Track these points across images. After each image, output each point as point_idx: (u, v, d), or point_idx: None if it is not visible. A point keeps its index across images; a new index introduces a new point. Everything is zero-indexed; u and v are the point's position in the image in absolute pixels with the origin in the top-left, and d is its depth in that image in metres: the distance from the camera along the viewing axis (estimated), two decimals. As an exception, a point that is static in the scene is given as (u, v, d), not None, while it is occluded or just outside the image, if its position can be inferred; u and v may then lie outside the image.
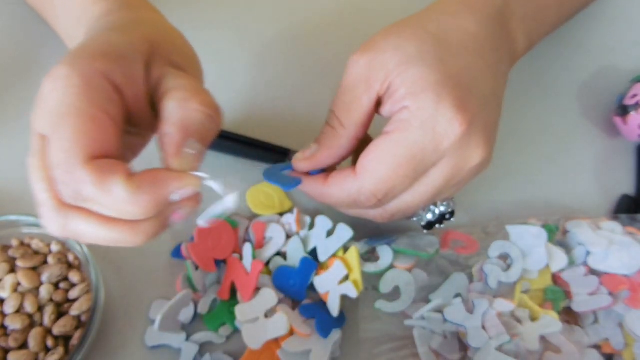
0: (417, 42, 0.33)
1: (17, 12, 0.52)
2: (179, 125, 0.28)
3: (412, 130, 0.32)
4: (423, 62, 0.32)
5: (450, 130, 0.32)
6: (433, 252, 0.40)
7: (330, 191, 0.36)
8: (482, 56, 0.35)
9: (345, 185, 0.35)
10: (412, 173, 0.33)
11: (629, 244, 0.40)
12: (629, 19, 0.55)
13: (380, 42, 0.34)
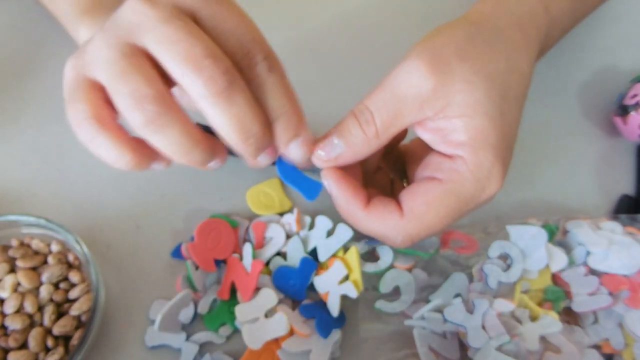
0: (488, 84, 0.32)
1: (17, 12, 0.52)
2: None
3: (467, 186, 0.33)
4: (489, 114, 0.32)
5: (492, 189, 0.34)
6: (433, 252, 0.40)
7: (368, 220, 0.35)
8: (523, 105, 0.36)
9: (387, 221, 0.34)
10: (453, 220, 0.34)
11: (629, 244, 0.40)
12: (629, 19, 0.55)
13: (453, 65, 0.32)
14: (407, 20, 0.54)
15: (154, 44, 0.27)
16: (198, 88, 0.27)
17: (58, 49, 0.51)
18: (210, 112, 0.28)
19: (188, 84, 0.27)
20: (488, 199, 0.34)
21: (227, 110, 0.28)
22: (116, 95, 0.28)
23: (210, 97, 0.27)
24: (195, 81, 0.27)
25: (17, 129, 0.47)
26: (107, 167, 0.46)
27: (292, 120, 0.30)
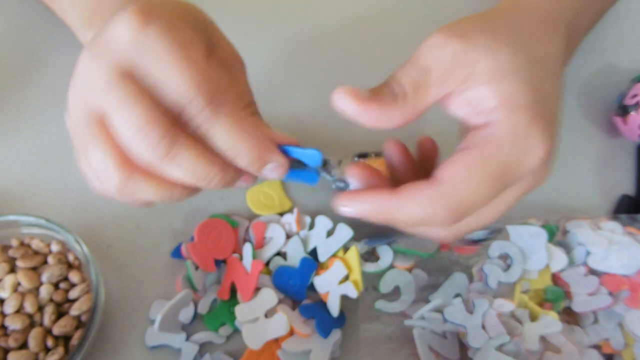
0: (510, 51, 0.31)
1: (17, 12, 0.52)
2: None
3: (504, 147, 0.30)
4: (517, 78, 0.31)
5: (536, 153, 0.31)
6: (433, 252, 0.40)
7: (401, 204, 0.31)
8: (560, 78, 0.34)
9: (422, 197, 0.30)
10: (496, 191, 0.31)
11: (629, 244, 0.40)
12: (629, 19, 0.55)
13: (471, 34, 0.31)
14: (408, 19, 0.54)
15: (103, 108, 0.29)
16: (144, 154, 0.28)
17: (58, 49, 0.51)
18: (166, 171, 0.29)
19: (135, 149, 0.28)
20: (536, 166, 0.31)
21: (177, 168, 0.29)
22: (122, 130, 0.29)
23: (158, 160, 0.28)
24: (139, 149, 0.28)
25: (17, 129, 0.47)
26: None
27: (251, 157, 0.30)
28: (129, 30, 0.28)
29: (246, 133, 0.30)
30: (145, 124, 0.27)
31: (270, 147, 0.31)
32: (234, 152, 0.30)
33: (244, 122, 0.30)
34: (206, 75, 0.28)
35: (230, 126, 0.29)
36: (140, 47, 0.28)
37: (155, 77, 0.28)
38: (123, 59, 0.28)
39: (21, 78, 0.49)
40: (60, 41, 0.51)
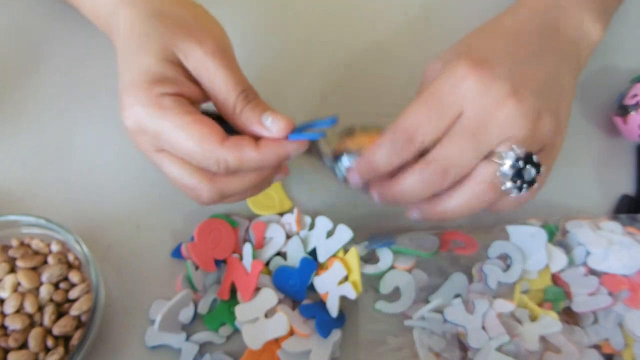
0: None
1: (18, 12, 0.52)
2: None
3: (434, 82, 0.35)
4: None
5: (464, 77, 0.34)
6: (433, 252, 0.40)
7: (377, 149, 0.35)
8: (520, 45, 0.38)
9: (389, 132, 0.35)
10: (435, 111, 0.34)
11: (629, 244, 0.40)
12: (629, 19, 0.55)
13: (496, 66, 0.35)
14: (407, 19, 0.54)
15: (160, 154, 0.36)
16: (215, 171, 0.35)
17: (58, 49, 0.51)
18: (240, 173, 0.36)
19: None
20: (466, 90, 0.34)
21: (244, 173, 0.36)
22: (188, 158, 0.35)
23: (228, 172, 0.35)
24: (212, 169, 0.34)
25: (17, 129, 0.47)
26: (107, 167, 0.46)
27: (254, 110, 0.35)
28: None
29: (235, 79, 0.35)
30: (206, 150, 0.33)
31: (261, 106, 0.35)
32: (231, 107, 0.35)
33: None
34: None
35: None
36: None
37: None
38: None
39: (21, 78, 0.49)
40: (60, 41, 0.51)
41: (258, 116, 0.35)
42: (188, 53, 0.35)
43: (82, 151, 0.47)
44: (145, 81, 0.34)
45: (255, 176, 0.36)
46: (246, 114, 0.35)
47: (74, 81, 0.50)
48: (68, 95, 0.49)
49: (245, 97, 0.35)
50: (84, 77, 0.50)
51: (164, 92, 0.34)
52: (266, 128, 0.34)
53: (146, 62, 0.34)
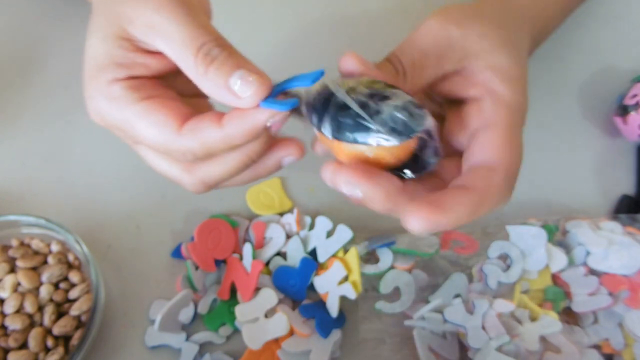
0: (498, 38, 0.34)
1: (17, 12, 0.52)
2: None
3: (517, 112, 0.34)
4: (506, 55, 0.34)
5: (525, 111, 0.35)
6: (433, 252, 0.40)
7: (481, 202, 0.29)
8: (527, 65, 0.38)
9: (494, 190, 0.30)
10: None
11: (629, 244, 0.40)
12: (629, 19, 0.55)
13: (465, 21, 0.34)
14: (408, 18, 0.54)
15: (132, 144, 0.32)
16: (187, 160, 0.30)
17: (58, 49, 0.51)
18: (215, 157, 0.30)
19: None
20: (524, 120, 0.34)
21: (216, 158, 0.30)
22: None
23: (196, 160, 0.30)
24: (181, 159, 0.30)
25: (17, 128, 0.47)
26: (107, 167, 0.46)
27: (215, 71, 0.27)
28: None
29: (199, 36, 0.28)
30: (168, 141, 0.29)
31: (235, 59, 0.28)
32: (203, 70, 0.28)
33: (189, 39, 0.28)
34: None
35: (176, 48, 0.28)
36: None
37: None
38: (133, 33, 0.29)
39: (21, 78, 0.49)
40: (60, 41, 0.51)
41: (225, 79, 0.27)
42: (132, 16, 0.28)
43: (82, 151, 0.47)
44: (93, 68, 0.29)
45: (238, 156, 0.29)
46: (211, 77, 0.27)
47: (74, 81, 0.49)
48: (68, 95, 0.49)
49: (206, 53, 0.27)
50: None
51: (112, 79, 0.29)
52: (235, 95, 0.27)
53: (93, 44, 0.30)
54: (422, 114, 0.28)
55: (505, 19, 0.37)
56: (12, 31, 0.51)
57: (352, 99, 0.27)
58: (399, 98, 0.27)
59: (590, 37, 0.54)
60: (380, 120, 0.27)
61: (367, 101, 0.27)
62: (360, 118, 0.27)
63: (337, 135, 0.28)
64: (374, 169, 0.28)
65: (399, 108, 0.27)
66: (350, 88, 0.28)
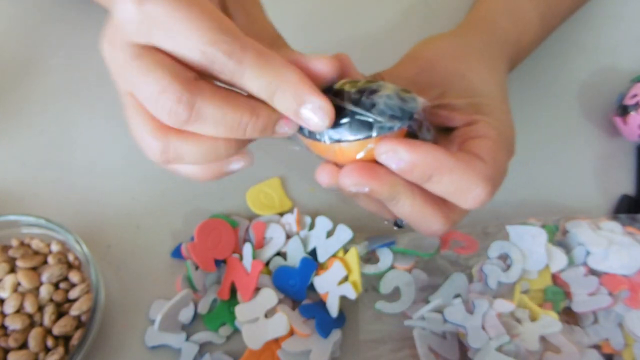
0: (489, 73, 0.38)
1: (18, 13, 0.52)
2: None
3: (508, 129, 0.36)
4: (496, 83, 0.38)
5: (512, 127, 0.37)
6: (433, 252, 0.40)
7: (455, 166, 0.30)
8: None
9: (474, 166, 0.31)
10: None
11: (629, 244, 0.40)
12: (629, 19, 0.55)
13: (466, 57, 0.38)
14: (407, 20, 0.54)
15: (128, 88, 0.28)
16: (169, 120, 0.27)
17: (58, 49, 0.51)
18: (198, 129, 0.28)
19: (161, 117, 0.28)
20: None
21: (207, 124, 0.27)
22: (144, 102, 0.28)
23: (184, 122, 0.27)
24: (163, 116, 0.27)
25: (17, 129, 0.47)
26: (107, 167, 0.46)
27: (286, 93, 0.28)
28: (132, 5, 0.27)
29: (276, 70, 0.27)
30: (160, 91, 0.26)
31: (306, 85, 0.28)
32: (269, 92, 0.28)
33: (272, 60, 0.28)
34: (221, 25, 0.27)
35: (260, 65, 0.27)
36: (148, 19, 0.27)
37: (173, 44, 0.27)
38: (135, 36, 0.27)
39: (21, 78, 0.49)
40: (60, 41, 0.51)
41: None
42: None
43: (82, 151, 0.47)
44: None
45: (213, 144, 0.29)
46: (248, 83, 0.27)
47: (74, 81, 0.50)
48: (68, 95, 0.49)
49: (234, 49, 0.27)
50: (84, 77, 0.50)
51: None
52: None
53: None
54: (413, 97, 0.29)
55: (490, 48, 0.40)
56: (13, 31, 0.51)
57: (343, 100, 0.28)
58: (386, 88, 0.29)
59: (590, 37, 0.54)
60: (379, 111, 0.28)
61: (359, 98, 0.28)
62: (359, 115, 0.28)
63: (337, 138, 0.28)
64: (374, 165, 0.29)
65: (392, 96, 0.28)
66: (338, 91, 0.29)
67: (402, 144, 0.29)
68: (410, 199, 0.31)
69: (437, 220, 0.32)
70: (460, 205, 0.32)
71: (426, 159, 0.29)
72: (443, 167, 0.30)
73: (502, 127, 0.35)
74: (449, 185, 0.30)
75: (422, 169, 0.29)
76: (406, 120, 0.28)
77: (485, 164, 0.31)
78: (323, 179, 0.31)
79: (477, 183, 0.30)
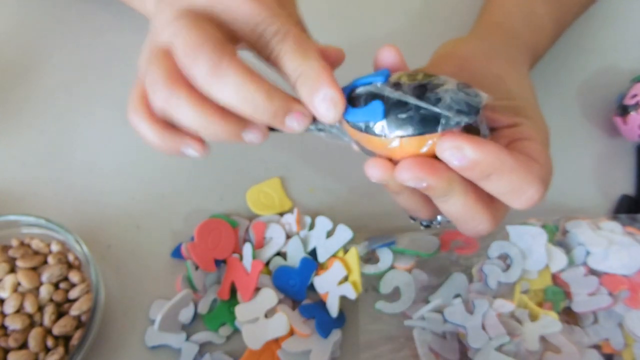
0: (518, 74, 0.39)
1: (18, 13, 0.52)
2: None
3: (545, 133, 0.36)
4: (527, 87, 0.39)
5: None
6: (433, 252, 0.40)
7: (515, 166, 0.30)
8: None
9: (531, 167, 0.31)
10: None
11: (629, 244, 0.40)
12: (629, 19, 0.55)
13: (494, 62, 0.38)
14: (408, 19, 0.54)
15: (166, 41, 0.30)
16: (193, 70, 0.29)
17: (58, 49, 0.51)
18: (214, 91, 0.29)
19: (186, 68, 0.29)
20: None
21: (224, 87, 0.28)
22: (175, 52, 0.29)
23: (206, 76, 0.28)
24: (189, 66, 0.29)
25: (17, 128, 0.47)
26: (107, 167, 0.46)
27: (308, 78, 0.29)
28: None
29: (311, 55, 0.29)
30: (197, 45, 0.28)
31: (326, 77, 0.29)
32: (296, 73, 0.29)
33: (306, 48, 0.30)
34: (273, 6, 0.30)
35: (295, 48, 0.29)
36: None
37: (232, 15, 0.30)
38: (194, 2, 0.30)
39: (21, 78, 0.49)
40: (60, 41, 0.51)
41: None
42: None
43: (82, 151, 0.47)
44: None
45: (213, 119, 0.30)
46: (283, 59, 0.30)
47: (74, 81, 0.50)
48: (68, 95, 0.49)
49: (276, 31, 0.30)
50: (84, 77, 0.50)
51: None
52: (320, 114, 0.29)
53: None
54: (476, 91, 0.29)
55: (514, 52, 0.41)
56: (13, 31, 0.51)
57: (405, 94, 0.28)
58: (448, 82, 0.28)
59: (590, 37, 0.54)
60: (446, 106, 0.27)
61: (423, 92, 0.28)
62: (424, 109, 0.27)
63: (399, 133, 0.28)
64: (433, 160, 0.29)
65: (456, 91, 0.28)
66: (395, 84, 0.29)
67: (468, 141, 0.28)
68: (464, 197, 0.30)
69: (485, 220, 0.32)
70: (512, 205, 0.31)
71: (489, 158, 0.29)
72: (504, 167, 0.29)
73: (543, 132, 0.35)
74: (507, 185, 0.30)
75: (484, 168, 0.29)
76: (473, 115, 0.28)
77: (541, 166, 0.32)
78: (374, 173, 0.30)
79: (532, 184, 0.30)
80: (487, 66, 0.38)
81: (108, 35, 0.51)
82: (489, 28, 0.44)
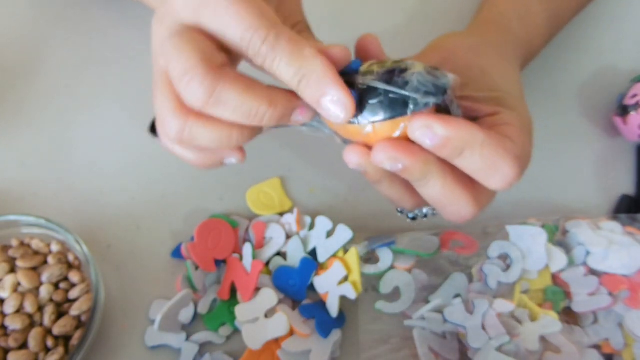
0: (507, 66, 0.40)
1: (18, 13, 0.52)
2: None
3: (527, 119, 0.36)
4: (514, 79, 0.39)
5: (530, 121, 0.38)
6: (433, 252, 0.40)
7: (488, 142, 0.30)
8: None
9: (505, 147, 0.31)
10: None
11: (629, 244, 0.40)
12: (629, 19, 0.55)
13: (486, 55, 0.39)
14: (406, 18, 0.54)
15: (163, 63, 0.29)
16: (189, 99, 0.28)
17: (58, 49, 0.51)
18: (216, 113, 0.29)
19: (183, 95, 0.29)
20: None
21: (225, 108, 0.28)
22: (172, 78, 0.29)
23: (203, 103, 0.28)
24: (184, 94, 0.28)
25: (17, 129, 0.47)
26: (107, 167, 0.46)
27: (312, 80, 0.29)
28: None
29: (304, 59, 0.29)
30: (188, 69, 0.28)
31: (330, 76, 0.29)
32: (296, 79, 0.29)
33: (303, 49, 0.29)
34: (261, 11, 0.29)
35: (290, 52, 0.29)
36: (195, 3, 0.29)
37: (217, 24, 0.29)
38: (183, 11, 0.29)
39: (21, 78, 0.49)
40: (60, 41, 0.51)
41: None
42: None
43: (82, 151, 0.47)
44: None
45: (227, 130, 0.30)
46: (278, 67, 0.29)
47: (74, 81, 0.50)
48: (68, 95, 0.49)
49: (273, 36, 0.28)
50: (84, 77, 0.50)
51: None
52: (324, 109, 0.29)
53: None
54: (444, 73, 0.29)
55: (506, 47, 0.41)
56: (12, 31, 0.51)
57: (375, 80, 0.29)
58: (415, 66, 0.29)
59: (590, 37, 0.54)
60: (413, 88, 0.28)
61: (391, 77, 0.29)
62: (392, 93, 0.28)
63: (370, 118, 0.29)
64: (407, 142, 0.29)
65: (423, 74, 0.29)
66: (366, 72, 0.29)
67: (437, 120, 0.29)
68: (442, 179, 0.31)
69: (467, 203, 0.32)
70: (488, 186, 0.31)
71: (459, 133, 0.29)
72: (475, 141, 0.30)
73: (525, 120, 0.35)
74: (480, 161, 0.30)
75: (455, 143, 0.29)
76: (440, 95, 0.28)
77: (515, 144, 0.32)
78: (352, 159, 0.31)
79: (505, 159, 0.30)
80: (472, 59, 0.38)
81: (108, 35, 0.51)
82: (483, 25, 0.44)
